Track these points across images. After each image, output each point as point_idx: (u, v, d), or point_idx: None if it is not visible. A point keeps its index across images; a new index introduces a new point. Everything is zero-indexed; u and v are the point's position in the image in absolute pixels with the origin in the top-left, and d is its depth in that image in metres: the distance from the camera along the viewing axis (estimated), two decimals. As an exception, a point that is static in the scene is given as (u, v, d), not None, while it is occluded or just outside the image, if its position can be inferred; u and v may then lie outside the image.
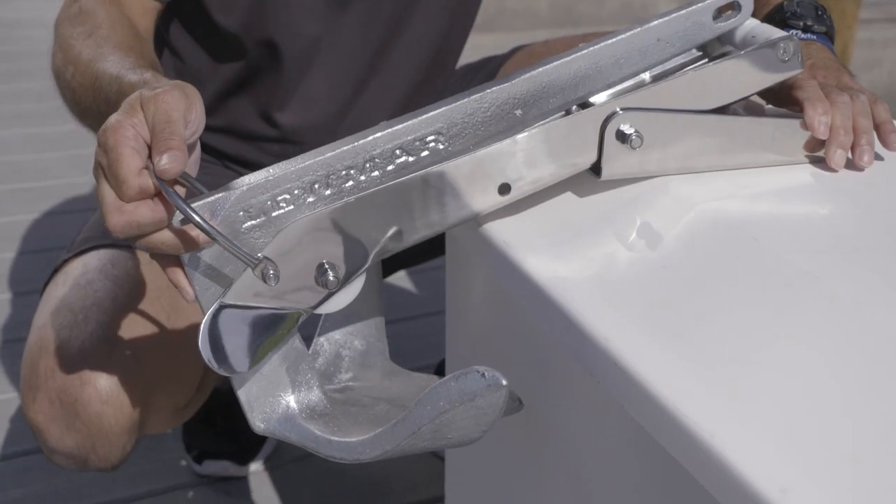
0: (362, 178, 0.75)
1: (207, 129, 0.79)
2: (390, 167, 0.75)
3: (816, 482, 0.52)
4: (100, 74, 0.90)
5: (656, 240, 0.78)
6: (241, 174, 1.15)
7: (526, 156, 0.76)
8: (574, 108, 0.82)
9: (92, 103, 0.91)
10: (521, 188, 0.77)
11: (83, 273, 1.05)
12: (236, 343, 0.73)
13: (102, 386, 0.98)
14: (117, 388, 0.98)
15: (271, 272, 0.70)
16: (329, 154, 0.74)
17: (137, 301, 1.02)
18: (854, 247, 0.76)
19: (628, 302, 0.69)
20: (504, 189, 0.77)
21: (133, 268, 1.06)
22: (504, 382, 0.66)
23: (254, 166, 1.21)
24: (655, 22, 0.83)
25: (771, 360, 0.62)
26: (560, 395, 0.82)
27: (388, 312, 0.78)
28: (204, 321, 0.71)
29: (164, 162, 0.68)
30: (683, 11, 0.83)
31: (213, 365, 0.72)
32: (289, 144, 1.19)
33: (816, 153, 0.88)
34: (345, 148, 0.74)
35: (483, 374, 0.66)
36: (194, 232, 0.70)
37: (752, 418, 0.57)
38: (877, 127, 0.89)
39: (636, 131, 0.78)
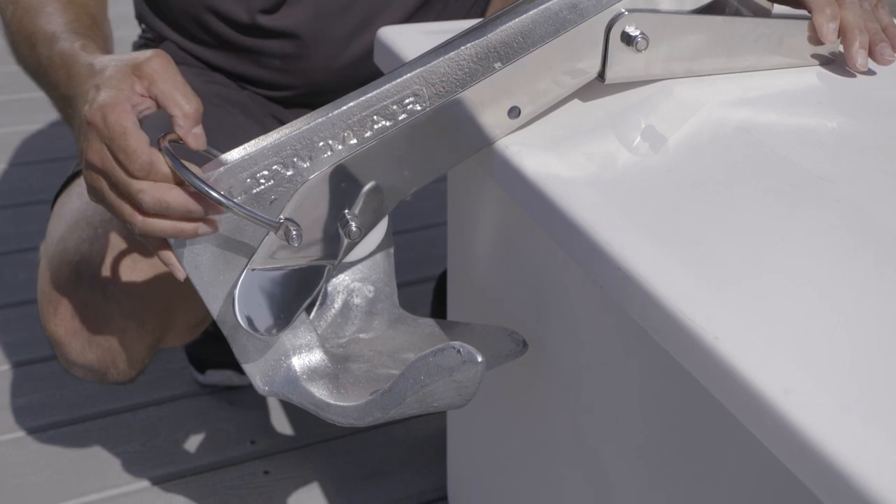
0: (340, 147, 0.73)
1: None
2: (368, 133, 0.74)
3: (819, 383, 0.52)
4: (36, 30, 0.88)
5: (661, 142, 0.77)
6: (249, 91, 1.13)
7: (531, 74, 0.75)
8: None
9: (28, 55, 0.90)
10: (530, 107, 0.76)
11: None
12: (271, 305, 0.74)
13: (125, 301, 0.98)
14: (140, 303, 0.98)
15: (294, 232, 0.71)
16: (305, 127, 0.72)
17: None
18: (861, 148, 0.75)
19: (631, 204, 0.68)
20: (514, 112, 0.75)
21: None
22: (480, 359, 0.67)
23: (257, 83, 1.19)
24: None
25: (775, 263, 0.62)
26: (561, 306, 0.82)
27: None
28: (236, 288, 0.73)
29: (198, 132, 0.71)
30: None
31: (251, 329, 0.73)
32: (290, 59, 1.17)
33: (826, 55, 0.86)
34: (320, 119, 0.72)
35: (459, 351, 0.68)
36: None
37: (756, 320, 0.56)
38: (883, 30, 0.87)
39: (642, 33, 0.76)
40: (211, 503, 1.29)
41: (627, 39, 0.76)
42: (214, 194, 0.68)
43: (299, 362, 0.78)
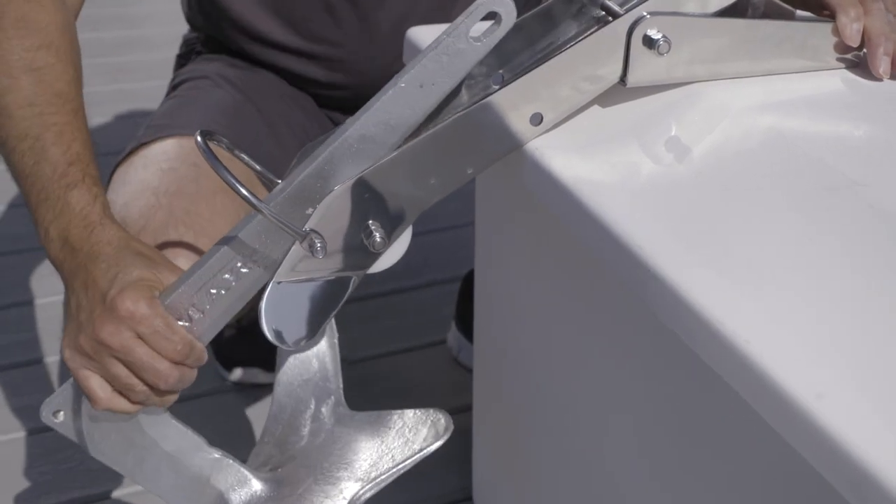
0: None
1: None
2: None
3: (852, 387, 0.51)
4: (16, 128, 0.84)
5: (690, 146, 0.77)
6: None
7: (553, 79, 0.75)
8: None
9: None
10: (552, 114, 0.76)
11: (165, 159, 1.04)
12: (297, 317, 0.76)
13: (182, 269, 0.99)
14: None
15: (318, 244, 0.72)
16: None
17: (221, 193, 1.02)
18: (894, 152, 0.74)
19: (662, 207, 0.68)
20: (536, 118, 0.75)
21: None
22: None
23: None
24: (411, 71, 0.73)
25: (808, 266, 0.61)
26: (589, 308, 0.82)
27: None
28: (262, 302, 0.74)
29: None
30: (431, 53, 0.72)
31: (278, 342, 0.75)
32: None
33: (850, 59, 0.85)
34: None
35: None
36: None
37: (788, 324, 0.56)
38: None
39: (664, 36, 0.76)
40: (237, 500, 1.29)
41: (649, 43, 0.76)
42: (245, 192, 0.69)
43: (237, 499, 0.83)
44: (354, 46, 1.17)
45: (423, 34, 0.96)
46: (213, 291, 0.75)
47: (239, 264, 0.74)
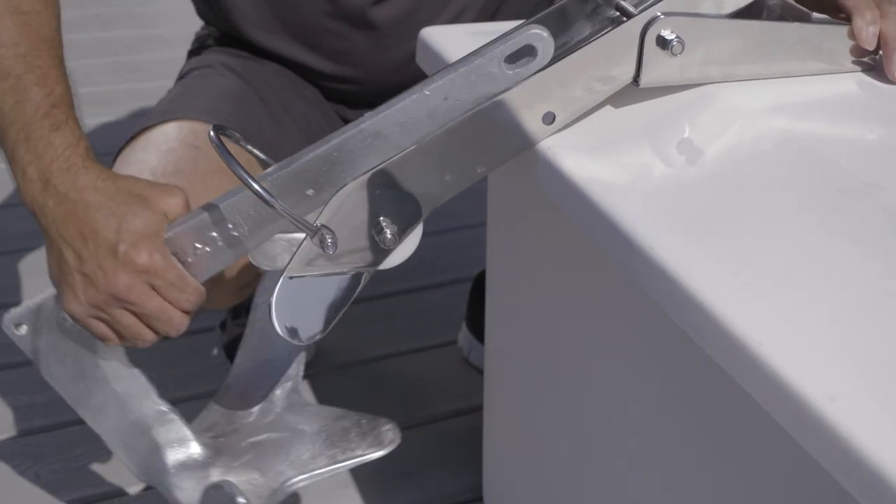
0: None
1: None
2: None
3: (865, 390, 0.51)
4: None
5: (703, 147, 0.77)
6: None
7: (566, 78, 0.75)
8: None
9: None
10: (564, 114, 0.76)
11: (164, 141, 1.05)
12: (308, 313, 0.76)
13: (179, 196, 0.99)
14: None
15: (329, 240, 0.72)
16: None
17: (218, 173, 1.02)
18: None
19: (674, 208, 0.68)
20: (548, 117, 0.75)
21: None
22: (240, 500, 0.80)
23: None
24: (439, 81, 0.74)
25: (820, 268, 0.61)
26: (603, 308, 0.82)
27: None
28: (273, 297, 0.74)
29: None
30: (462, 69, 0.73)
31: (288, 337, 0.76)
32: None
33: (866, 62, 0.85)
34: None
35: (224, 489, 0.80)
36: None
37: (801, 327, 0.56)
38: None
39: (677, 37, 0.75)
40: (247, 499, 1.29)
41: (663, 43, 0.75)
42: (257, 188, 0.69)
43: (172, 456, 0.84)
44: (359, 39, 1.17)
45: (436, 35, 0.95)
46: (215, 234, 0.77)
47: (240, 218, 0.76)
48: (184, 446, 0.85)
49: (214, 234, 0.76)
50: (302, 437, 0.86)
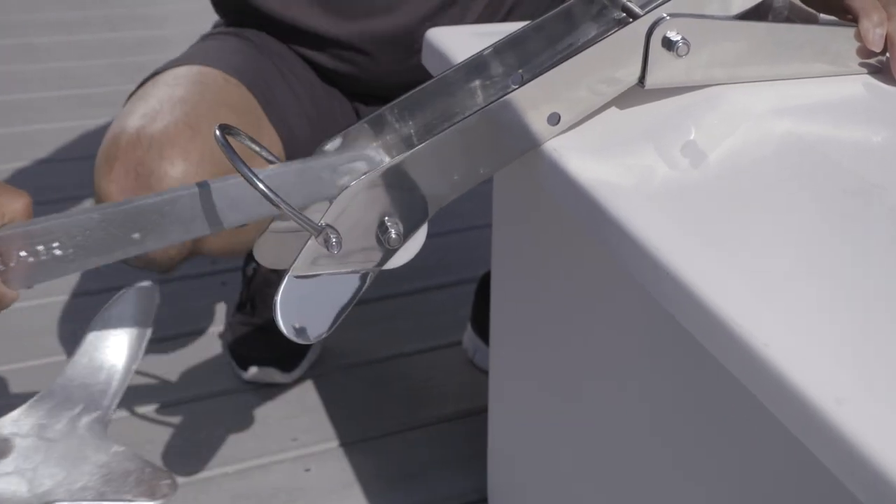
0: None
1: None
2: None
3: (872, 392, 0.51)
4: None
5: (708, 149, 0.77)
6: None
7: (572, 79, 0.74)
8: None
9: None
10: (569, 115, 0.76)
11: (173, 78, 1.09)
12: (313, 312, 0.75)
13: (179, 164, 1.00)
14: (193, 170, 1.00)
15: (333, 239, 0.72)
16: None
17: (224, 107, 1.03)
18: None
19: (680, 209, 0.68)
20: (553, 118, 0.75)
21: (221, 80, 1.10)
22: None
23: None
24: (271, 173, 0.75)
25: (826, 269, 0.61)
26: (607, 309, 0.82)
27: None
28: (278, 296, 0.74)
29: None
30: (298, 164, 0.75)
31: (293, 337, 0.75)
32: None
33: (872, 64, 0.85)
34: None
35: None
36: None
37: (807, 328, 0.56)
38: None
39: (683, 38, 0.75)
40: (252, 500, 1.30)
41: (668, 44, 0.75)
42: (262, 187, 0.69)
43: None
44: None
45: (442, 36, 0.95)
46: (55, 245, 0.75)
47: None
48: None
49: (41, 247, 0.76)
50: (84, 464, 0.87)
